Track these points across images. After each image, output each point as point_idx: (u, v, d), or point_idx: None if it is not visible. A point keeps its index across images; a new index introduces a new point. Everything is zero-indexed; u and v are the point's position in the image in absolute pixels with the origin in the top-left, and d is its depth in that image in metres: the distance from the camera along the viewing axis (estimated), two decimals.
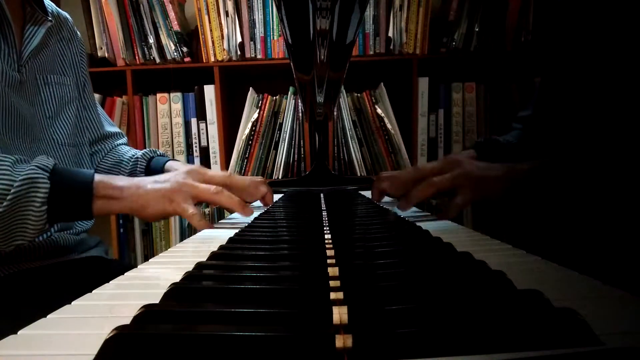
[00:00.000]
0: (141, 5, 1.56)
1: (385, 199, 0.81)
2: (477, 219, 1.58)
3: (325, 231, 0.50)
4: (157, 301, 0.26)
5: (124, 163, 0.88)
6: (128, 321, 0.22)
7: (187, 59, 1.59)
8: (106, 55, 1.58)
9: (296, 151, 1.58)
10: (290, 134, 1.57)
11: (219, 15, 1.55)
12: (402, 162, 1.57)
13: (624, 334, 0.21)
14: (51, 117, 0.75)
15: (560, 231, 0.66)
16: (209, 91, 1.59)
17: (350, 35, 0.58)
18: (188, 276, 0.31)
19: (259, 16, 1.56)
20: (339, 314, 0.23)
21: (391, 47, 1.53)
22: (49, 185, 0.55)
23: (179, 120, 1.61)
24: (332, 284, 0.28)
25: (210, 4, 1.54)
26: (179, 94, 1.61)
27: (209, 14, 1.55)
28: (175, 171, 0.65)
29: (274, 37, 1.56)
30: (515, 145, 0.79)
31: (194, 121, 1.61)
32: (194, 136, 1.61)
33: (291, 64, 0.74)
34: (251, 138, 1.58)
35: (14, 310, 0.60)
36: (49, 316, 0.26)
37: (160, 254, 0.45)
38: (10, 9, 0.67)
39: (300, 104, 1.56)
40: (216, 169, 1.59)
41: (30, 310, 0.30)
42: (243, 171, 1.58)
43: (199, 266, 0.34)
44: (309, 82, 0.77)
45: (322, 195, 0.97)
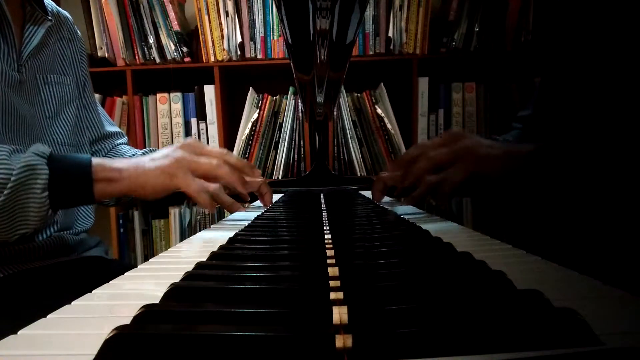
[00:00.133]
0: (141, 5, 1.56)
1: (386, 198, 0.81)
2: (477, 219, 1.58)
3: (325, 231, 0.50)
4: (157, 301, 0.26)
5: None
6: (128, 321, 0.22)
7: (187, 59, 1.59)
8: (106, 55, 1.58)
9: (296, 151, 1.58)
10: (290, 134, 1.57)
11: (219, 15, 1.55)
12: None
13: (624, 334, 0.21)
14: (51, 117, 0.75)
15: (560, 231, 0.66)
16: (209, 91, 1.59)
17: (350, 35, 0.58)
18: (188, 276, 0.31)
19: (259, 16, 1.56)
20: (339, 314, 0.23)
21: (391, 47, 1.53)
22: (48, 171, 0.55)
23: (179, 120, 1.61)
24: (332, 284, 0.28)
25: (210, 4, 1.54)
26: (179, 94, 1.61)
27: (209, 14, 1.55)
28: (171, 146, 0.64)
29: (274, 37, 1.56)
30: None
31: (194, 121, 1.61)
32: (194, 136, 1.61)
33: (291, 64, 0.74)
34: (251, 138, 1.58)
35: (14, 310, 0.59)
36: (49, 316, 0.26)
37: (160, 254, 0.45)
38: (9, 8, 0.67)
39: (300, 104, 1.56)
40: None
41: (30, 310, 0.30)
42: None
43: (199, 266, 0.34)
44: (309, 82, 0.77)
45: (322, 195, 0.97)
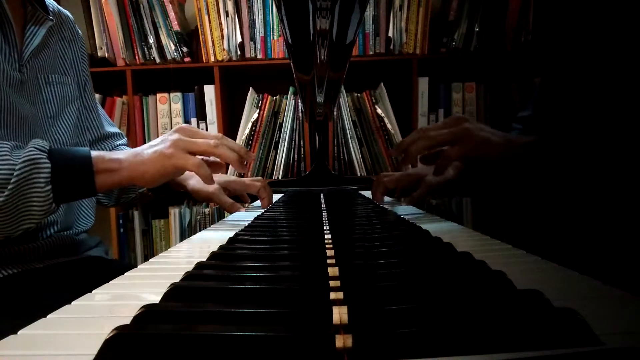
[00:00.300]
0: (141, 5, 1.56)
1: (386, 198, 0.81)
2: (477, 219, 1.58)
3: (325, 231, 0.50)
4: (157, 301, 0.26)
5: None
6: (128, 321, 0.22)
7: (187, 59, 1.59)
8: (106, 55, 1.58)
9: (296, 151, 1.58)
10: (290, 134, 1.57)
11: (219, 15, 1.55)
12: None
13: (624, 334, 0.21)
14: (52, 117, 0.75)
15: (560, 231, 0.66)
16: (209, 91, 1.59)
17: (350, 35, 0.58)
18: (188, 276, 0.31)
19: (259, 16, 1.56)
20: (339, 314, 0.23)
21: (391, 47, 1.53)
22: (50, 165, 0.55)
23: (179, 120, 1.61)
24: (332, 284, 0.28)
25: (210, 4, 1.54)
26: (179, 94, 1.61)
27: (209, 14, 1.55)
28: (167, 133, 0.65)
29: (274, 37, 1.56)
30: None
31: (194, 121, 1.61)
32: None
33: (291, 64, 0.74)
34: (251, 138, 1.58)
35: (14, 310, 0.59)
36: (49, 316, 0.26)
37: (160, 254, 0.45)
38: (10, 8, 0.67)
39: (300, 104, 1.56)
40: None
41: (30, 310, 0.30)
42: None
43: (199, 266, 0.34)
44: (309, 82, 0.77)
45: (322, 195, 0.97)
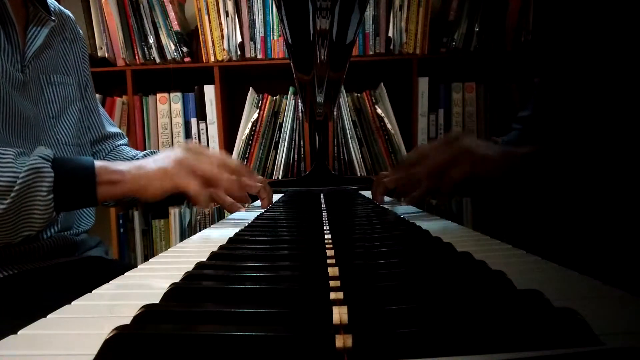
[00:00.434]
0: (141, 5, 1.56)
1: (386, 198, 0.81)
2: (477, 219, 1.58)
3: (325, 231, 0.50)
4: (157, 301, 0.26)
5: None
6: (128, 321, 0.22)
7: (187, 59, 1.59)
8: (106, 55, 1.58)
9: (296, 151, 1.58)
10: (290, 134, 1.57)
11: (219, 15, 1.55)
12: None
13: (624, 334, 0.21)
14: (54, 117, 0.75)
15: (560, 231, 0.66)
16: (209, 91, 1.59)
17: (350, 35, 0.58)
18: (188, 276, 0.31)
19: (259, 16, 1.56)
20: (339, 314, 0.23)
21: (391, 47, 1.53)
22: (53, 174, 0.56)
23: (179, 120, 1.61)
24: (332, 284, 0.28)
25: (210, 4, 1.54)
26: (179, 94, 1.61)
27: (209, 14, 1.55)
28: (172, 149, 0.66)
29: (274, 37, 1.56)
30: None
31: (194, 121, 1.61)
32: (194, 136, 1.61)
33: (291, 64, 0.74)
34: (251, 138, 1.58)
35: (14, 310, 0.60)
36: (49, 316, 0.26)
37: (160, 254, 0.45)
38: (13, 8, 0.67)
39: (300, 104, 1.56)
40: None
41: (30, 310, 0.30)
42: None
43: (199, 266, 0.34)
44: (309, 82, 0.77)
45: (322, 195, 0.97)
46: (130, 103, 1.60)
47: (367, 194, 0.95)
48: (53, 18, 0.75)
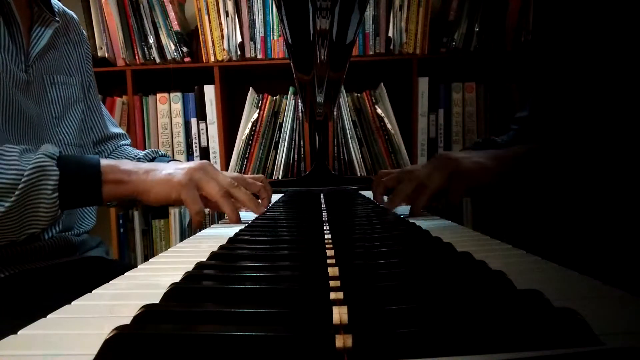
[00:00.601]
0: (141, 5, 1.56)
1: (385, 198, 0.81)
2: (477, 219, 1.58)
3: (325, 231, 0.50)
4: (157, 301, 0.26)
5: None
6: (128, 321, 0.22)
7: (187, 59, 1.59)
8: (106, 55, 1.58)
9: (296, 151, 1.58)
10: (290, 134, 1.57)
11: (219, 15, 1.55)
12: (402, 162, 1.57)
13: (624, 334, 0.21)
14: (57, 118, 0.75)
15: (560, 231, 0.66)
16: (209, 91, 1.59)
17: (350, 35, 0.58)
18: (188, 276, 0.31)
19: (259, 16, 1.56)
20: (339, 314, 0.23)
21: (391, 47, 1.53)
22: (58, 172, 0.56)
23: (179, 120, 1.61)
24: (332, 284, 0.28)
25: (210, 4, 1.54)
26: (179, 94, 1.61)
27: (209, 14, 1.55)
28: (186, 162, 0.66)
29: (274, 37, 1.56)
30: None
31: (194, 121, 1.61)
32: (194, 136, 1.61)
33: (291, 64, 0.74)
34: (251, 138, 1.58)
35: (14, 310, 0.60)
36: (49, 316, 0.26)
37: (160, 254, 0.45)
38: (17, 8, 0.67)
39: (300, 104, 1.56)
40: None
41: (30, 310, 0.30)
42: (243, 171, 1.58)
43: (199, 266, 0.34)
44: (309, 82, 0.77)
45: (322, 195, 0.97)
46: (130, 103, 1.60)
47: (367, 194, 0.95)
48: (57, 19, 0.75)
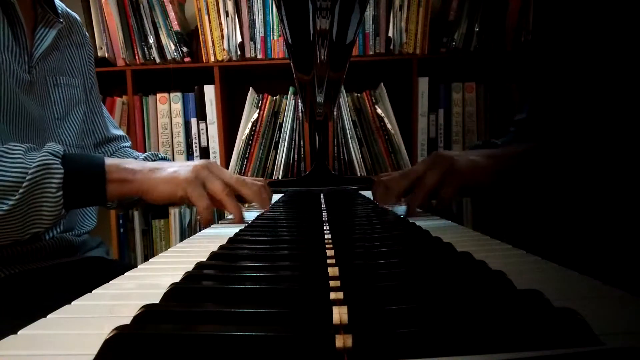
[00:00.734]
0: (141, 5, 1.56)
1: None
2: (477, 219, 1.58)
3: (325, 231, 0.50)
4: (157, 301, 0.26)
5: None
6: (128, 321, 0.22)
7: (187, 59, 1.59)
8: (106, 55, 1.58)
9: (296, 151, 1.58)
10: (290, 134, 1.57)
11: (219, 15, 1.55)
12: (402, 162, 1.57)
13: (624, 334, 0.21)
14: (60, 119, 0.75)
15: (559, 231, 0.66)
16: (209, 91, 1.59)
17: (350, 35, 0.58)
18: (188, 276, 0.31)
19: (259, 16, 1.56)
20: (339, 314, 0.23)
21: (391, 47, 1.53)
22: (62, 171, 0.55)
23: (179, 120, 1.61)
24: (332, 284, 0.28)
25: (210, 4, 1.54)
26: (179, 94, 1.61)
27: (209, 14, 1.55)
28: (191, 161, 0.66)
29: (274, 37, 1.56)
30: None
31: (194, 121, 1.61)
32: (194, 136, 1.61)
33: (291, 64, 0.74)
34: (251, 138, 1.58)
35: (14, 310, 0.59)
36: (49, 316, 0.26)
37: (160, 254, 0.45)
38: (21, 9, 0.67)
39: (300, 104, 1.56)
40: None
41: (30, 310, 0.30)
42: (243, 171, 1.58)
43: (199, 266, 0.34)
44: (309, 82, 0.77)
45: (322, 195, 0.97)
46: (130, 103, 1.60)
47: (367, 194, 0.95)
48: (61, 20, 0.75)
